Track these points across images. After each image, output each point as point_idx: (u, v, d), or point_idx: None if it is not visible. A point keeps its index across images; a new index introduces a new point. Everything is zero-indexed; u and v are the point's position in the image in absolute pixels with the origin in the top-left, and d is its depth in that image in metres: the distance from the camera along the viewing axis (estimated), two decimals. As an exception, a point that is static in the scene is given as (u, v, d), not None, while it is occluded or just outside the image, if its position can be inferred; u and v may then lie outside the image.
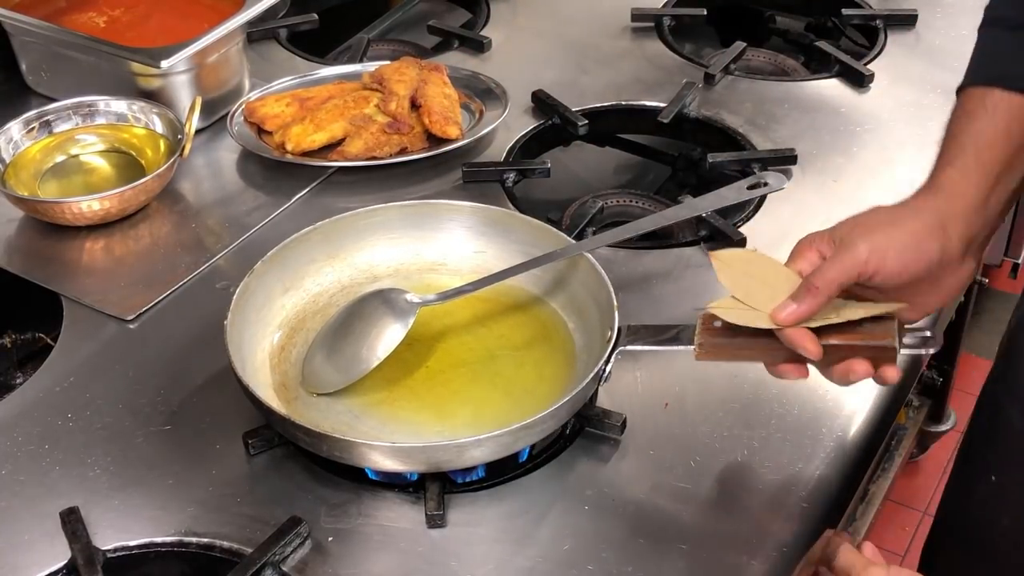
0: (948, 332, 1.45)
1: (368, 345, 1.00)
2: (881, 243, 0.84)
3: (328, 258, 1.10)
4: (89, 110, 1.32)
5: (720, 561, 0.90)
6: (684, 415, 1.02)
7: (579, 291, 1.06)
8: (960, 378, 1.96)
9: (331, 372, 1.01)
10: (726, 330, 0.89)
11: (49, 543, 0.91)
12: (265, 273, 1.05)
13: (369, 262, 1.12)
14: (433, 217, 1.13)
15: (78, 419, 1.02)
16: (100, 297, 1.15)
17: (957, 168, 0.88)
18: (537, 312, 1.09)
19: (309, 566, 0.89)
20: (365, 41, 1.58)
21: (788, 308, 0.84)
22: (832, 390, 1.04)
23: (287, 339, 1.06)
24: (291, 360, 1.04)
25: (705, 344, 0.91)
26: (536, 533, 0.92)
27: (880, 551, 0.87)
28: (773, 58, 1.58)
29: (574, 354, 1.04)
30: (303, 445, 0.94)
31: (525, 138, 1.37)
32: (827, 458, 0.98)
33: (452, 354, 1.04)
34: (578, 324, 1.06)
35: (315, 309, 1.08)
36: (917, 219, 0.85)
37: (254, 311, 1.03)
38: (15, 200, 1.22)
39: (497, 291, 1.07)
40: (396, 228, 1.12)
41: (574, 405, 0.95)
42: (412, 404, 1.00)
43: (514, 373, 1.03)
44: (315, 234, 1.09)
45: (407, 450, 0.91)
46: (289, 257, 1.07)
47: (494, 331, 1.07)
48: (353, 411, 0.99)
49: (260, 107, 1.35)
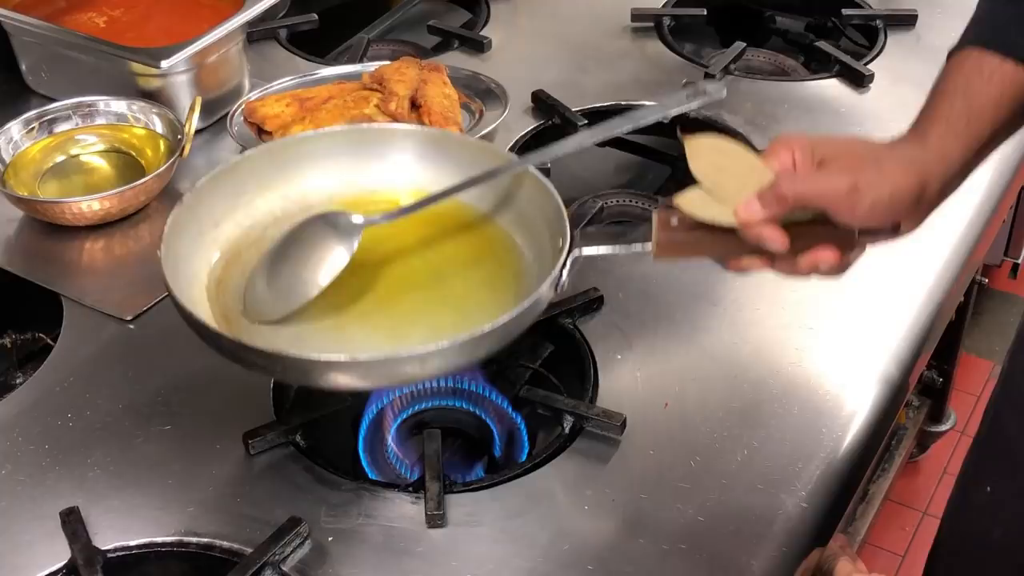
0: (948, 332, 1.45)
1: (311, 269, 0.95)
2: (863, 186, 0.81)
3: (260, 189, 1.05)
4: (89, 110, 1.32)
5: (720, 561, 0.90)
6: (684, 415, 1.02)
7: (526, 208, 1.02)
8: (960, 378, 1.96)
9: (274, 299, 0.95)
10: (684, 227, 0.87)
11: (49, 543, 0.91)
12: (196, 205, 1.00)
13: (302, 192, 1.06)
14: (368, 144, 1.07)
15: (78, 419, 1.02)
16: (100, 297, 1.15)
17: (950, 129, 0.86)
18: (484, 232, 1.04)
19: (309, 566, 0.89)
20: (365, 41, 1.58)
21: (753, 207, 0.82)
22: (832, 390, 1.04)
23: (223, 272, 1.00)
24: (229, 292, 0.99)
25: (662, 242, 0.88)
26: (536, 533, 0.92)
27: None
28: (773, 58, 1.59)
29: (526, 270, 1.00)
30: (257, 371, 0.89)
31: (525, 138, 1.37)
32: (827, 458, 0.98)
33: (400, 278, 1.00)
34: (527, 240, 1.02)
35: (249, 241, 1.03)
36: (901, 172, 0.83)
37: (186, 245, 0.98)
38: (15, 200, 1.22)
39: (442, 214, 1.02)
40: (330, 156, 1.07)
41: (535, 309, 0.91)
42: (363, 329, 0.95)
43: (465, 292, 0.99)
44: (245, 163, 1.04)
45: (368, 365, 0.87)
46: (219, 188, 1.02)
47: (441, 253, 1.02)
48: (301, 338, 0.94)
49: (260, 107, 1.35)
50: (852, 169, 0.83)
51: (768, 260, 0.86)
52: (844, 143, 0.86)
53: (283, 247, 0.98)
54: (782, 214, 0.83)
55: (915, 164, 0.84)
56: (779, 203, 0.82)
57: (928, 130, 0.87)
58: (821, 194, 0.82)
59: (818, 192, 0.82)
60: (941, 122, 0.87)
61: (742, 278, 1.16)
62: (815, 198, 0.82)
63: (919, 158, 0.85)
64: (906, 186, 0.83)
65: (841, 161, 0.84)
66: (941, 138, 0.86)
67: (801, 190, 0.82)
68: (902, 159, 0.85)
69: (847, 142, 0.87)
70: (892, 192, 0.83)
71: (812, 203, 0.82)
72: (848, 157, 0.84)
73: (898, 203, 0.83)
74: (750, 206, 0.83)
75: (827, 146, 0.85)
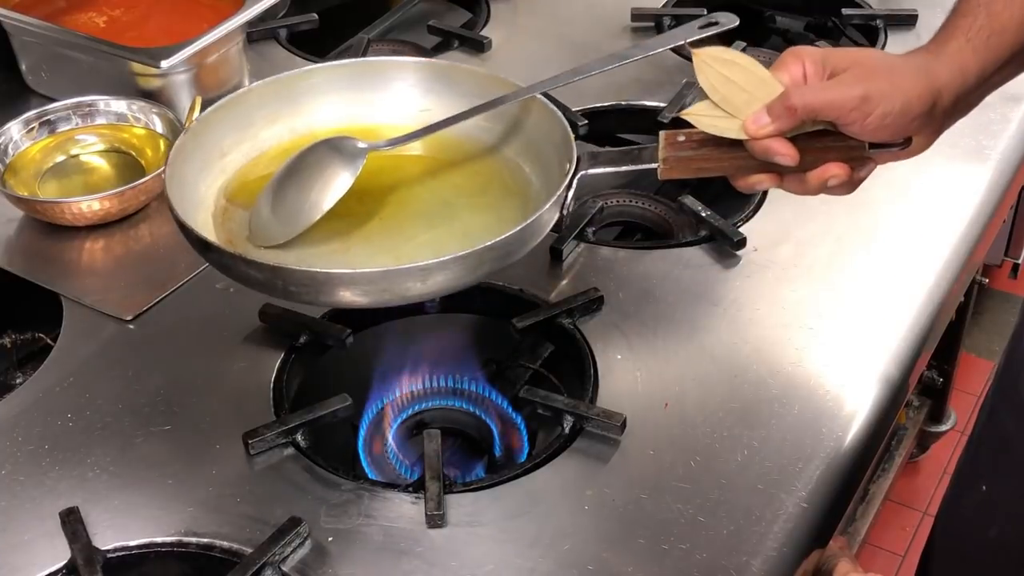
0: (948, 332, 1.45)
1: (316, 192, 0.95)
2: (874, 95, 0.80)
3: (266, 121, 1.06)
4: (89, 110, 1.32)
5: (720, 561, 0.90)
6: (684, 415, 1.02)
7: (534, 135, 1.03)
8: (960, 378, 1.96)
9: (279, 223, 0.96)
10: (691, 143, 0.87)
11: (49, 543, 0.91)
12: (202, 133, 1.00)
13: (308, 125, 1.06)
14: (374, 76, 1.07)
15: (78, 419, 1.02)
16: (100, 297, 1.15)
17: (969, 42, 0.84)
18: (491, 161, 1.04)
19: (309, 566, 0.89)
20: (365, 41, 1.58)
21: (762, 120, 0.81)
22: (832, 390, 1.04)
23: (229, 200, 1.01)
24: (235, 219, 0.99)
25: (670, 159, 0.87)
26: (536, 533, 0.92)
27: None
28: (773, 58, 1.58)
29: (534, 196, 1.00)
30: (259, 289, 0.89)
31: (525, 138, 1.37)
32: (827, 458, 0.98)
33: (406, 205, 1.00)
34: (535, 168, 1.02)
35: (256, 171, 1.03)
36: (914, 82, 0.82)
37: (192, 172, 0.98)
38: (15, 200, 1.22)
39: (449, 145, 1.03)
40: (337, 89, 1.07)
41: (539, 228, 0.91)
42: (368, 252, 0.95)
43: (471, 217, 0.99)
44: (252, 95, 1.04)
45: (369, 276, 0.86)
46: (226, 119, 1.03)
47: (447, 181, 1.02)
48: (307, 261, 0.94)
49: (260, 107, 1.35)
50: (863, 79, 0.81)
51: (777, 177, 0.85)
52: (856, 53, 0.85)
53: (288, 173, 0.98)
54: (792, 127, 0.81)
55: (929, 75, 0.83)
56: (789, 115, 0.81)
57: (947, 42, 0.85)
58: (831, 104, 0.80)
59: (828, 102, 0.81)
60: (960, 35, 0.85)
61: (742, 278, 1.16)
62: (825, 108, 0.81)
63: (934, 69, 0.83)
64: (918, 96, 0.82)
65: (853, 71, 0.82)
66: (959, 51, 0.84)
67: (811, 100, 0.81)
68: (916, 69, 0.83)
69: (860, 52, 0.85)
70: (904, 102, 0.81)
71: (822, 114, 0.81)
72: (860, 67, 0.82)
73: (910, 114, 0.82)
74: (759, 118, 0.81)
75: (839, 57, 0.83)
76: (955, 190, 1.29)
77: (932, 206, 1.27)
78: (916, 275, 1.17)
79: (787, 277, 1.16)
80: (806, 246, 1.20)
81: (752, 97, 0.83)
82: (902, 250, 1.21)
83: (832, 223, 1.23)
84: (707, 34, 1.01)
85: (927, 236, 1.23)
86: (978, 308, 1.97)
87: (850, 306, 1.14)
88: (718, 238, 1.20)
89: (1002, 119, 1.39)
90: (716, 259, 1.19)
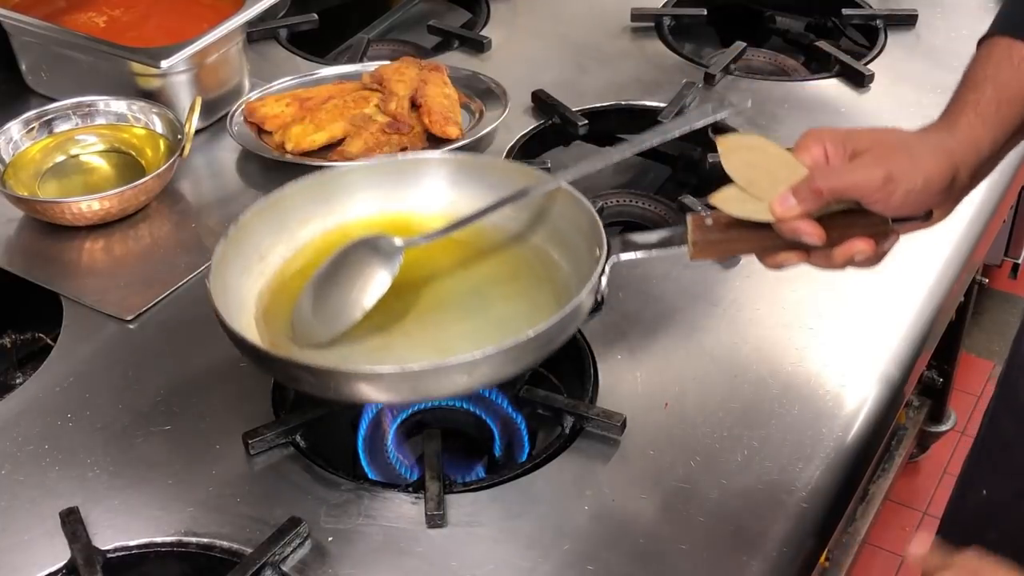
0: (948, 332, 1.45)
1: (356, 292, 0.98)
2: (897, 175, 0.82)
3: (300, 222, 1.07)
4: (89, 110, 1.32)
5: (720, 561, 0.90)
6: (684, 415, 1.02)
7: (560, 222, 1.04)
8: (960, 378, 1.96)
9: (321, 324, 0.98)
10: (719, 226, 0.89)
11: (49, 543, 0.91)
12: (241, 239, 1.02)
13: (340, 224, 1.09)
14: (402, 173, 1.10)
15: (78, 419, 1.02)
16: (100, 297, 1.15)
17: (979, 116, 0.86)
18: (519, 249, 1.06)
19: (309, 566, 0.89)
20: (365, 41, 1.58)
21: (789, 202, 0.83)
22: (832, 390, 1.04)
23: (270, 301, 1.03)
24: (277, 321, 1.01)
25: (699, 242, 0.90)
26: (536, 533, 0.92)
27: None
28: (773, 58, 1.58)
29: (564, 282, 1.02)
30: (307, 389, 0.91)
31: (525, 138, 1.37)
32: (827, 458, 0.98)
33: (440, 297, 1.02)
34: (564, 253, 1.04)
35: (293, 271, 1.05)
36: (933, 160, 0.84)
37: (233, 277, 1.00)
38: (15, 200, 1.22)
39: (477, 235, 1.04)
40: (366, 186, 1.09)
41: (578, 315, 0.93)
42: (408, 346, 0.97)
43: (506, 306, 1.01)
44: (286, 198, 1.06)
45: (419, 374, 0.88)
46: (263, 222, 1.04)
47: (478, 271, 1.04)
48: (349, 359, 0.96)
49: (260, 107, 1.35)
50: (885, 159, 0.83)
51: (804, 253, 0.87)
52: (874, 133, 0.86)
53: (327, 273, 1.01)
54: (818, 208, 0.83)
55: (946, 152, 0.85)
56: (815, 197, 0.82)
57: (958, 118, 0.87)
58: (856, 186, 0.82)
59: (853, 184, 0.83)
60: (970, 110, 0.87)
61: (742, 278, 1.16)
62: (850, 190, 0.83)
63: (949, 146, 0.85)
64: (938, 173, 0.84)
65: (874, 152, 0.84)
66: (971, 126, 0.87)
67: (836, 184, 0.83)
68: (934, 147, 0.85)
69: (877, 132, 0.87)
70: (925, 180, 0.83)
71: (847, 195, 0.83)
72: (880, 148, 0.84)
73: (931, 190, 0.84)
74: (786, 201, 0.83)
75: (858, 137, 0.85)
76: (955, 190, 1.29)
77: (932, 206, 1.27)
78: (916, 275, 1.17)
79: (787, 277, 1.16)
80: (806, 246, 1.20)
81: (776, 179, 0.85)
82: (902, 250, 1.21)
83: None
84: (723, 115, 1.04)
85: (927, 236, 1.22)
86: (978, 308, 1.97)
87: (850, 306, 1.14)
88: (718, 238, 1.20)
89: (1002, 119, 1.39)
90: (716, 259, 1.19)
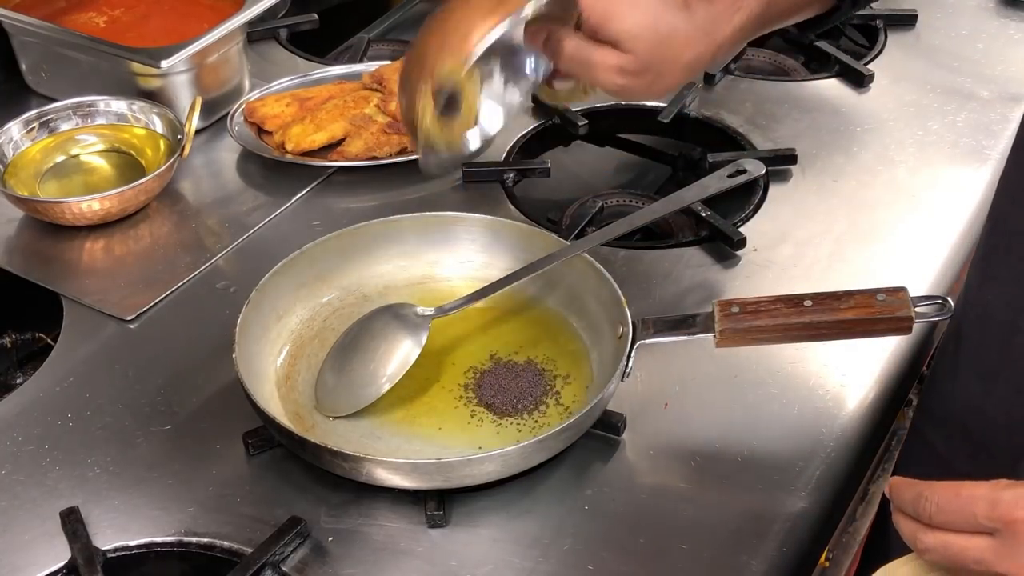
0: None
1: (381, 363, 0.99)
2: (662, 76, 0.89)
3: (317, 280, 1.09)
4: (89, 110, 1.32)
5: (720, 561, 0.90)
6: (684, 415, 1.02)
7: (579, 290, 1.06)
8: (960, 378, 1.96)
9: (346, 394, 0.99)
10: (745, 315, 0.91)
11: (49, 543, 0.91)
12: (261, 301, 1.03)
13: (357, 282, 1.10)
14: (418, 232, 1.11)
15: (78, 419, 1.02)
16: (100, 297, 1.15)
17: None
18: (537, 315, 1.08)
19: (309, 566, 0.89)
20: (365, 41, 1.58)
21: None
22: (832, 390, 1.04)
23: (290, 367, 1.04)
24: (298, 388, 1.02)
25: (727, 331, 0.92)
26: (536, 533, 0.92)
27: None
28: (773, 58, 1.59)
29: (584, 352, 1.04)
30: (340, 472, 0.92)
31: (525, 138, 1.37)
32: (827, 458, 0.98)
33: (462, 366, 1.03)
34: (582, 322, 1.06)
35: (311, 333, 1.07)
36: (696, 59, 0.89)
37: (254, 342, 1.01)
38: (15, 200, 1.22)
39: (493, 298, 1.05)
40: (380, 245, 1.11)
41: (602, 405, 0.95)
42: (433, 420, 0.98)
43: None
44: (301, 259, 1.07)
45: (452, 465, 0.89)
46: (280, 284, 1.05)
47: (498, 338, 1.06)
48: (375, 432, 0.97)
49: (260, 107, 1.35)
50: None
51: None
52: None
53: (352, 340, 1.02)
54: None
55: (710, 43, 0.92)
56: None
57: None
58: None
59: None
60: None
61: (743, 277, 1.16)
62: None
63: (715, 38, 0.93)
64: (700, 68, 0.94)
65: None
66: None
67: None
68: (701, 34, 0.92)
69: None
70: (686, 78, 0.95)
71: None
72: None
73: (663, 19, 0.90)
74: None
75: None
76: (955, 190, 1.29)
77: (932, 206, 1.27)
78: (916, 275, 1.17)
79: (787, 277, 1.16)
80: (806, 246, 1.20)
81: None
82: (902, 250, 1.21)
83: (832, 223, 1.23)
84: (738, 182, 1.08)
85: (927, 236, 1.23)
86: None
87: (850, 306, 1.13)
88: (718, 238, 1.20)
89: (1002, 119, 1.39)
90: (716, 259, 1.19)
